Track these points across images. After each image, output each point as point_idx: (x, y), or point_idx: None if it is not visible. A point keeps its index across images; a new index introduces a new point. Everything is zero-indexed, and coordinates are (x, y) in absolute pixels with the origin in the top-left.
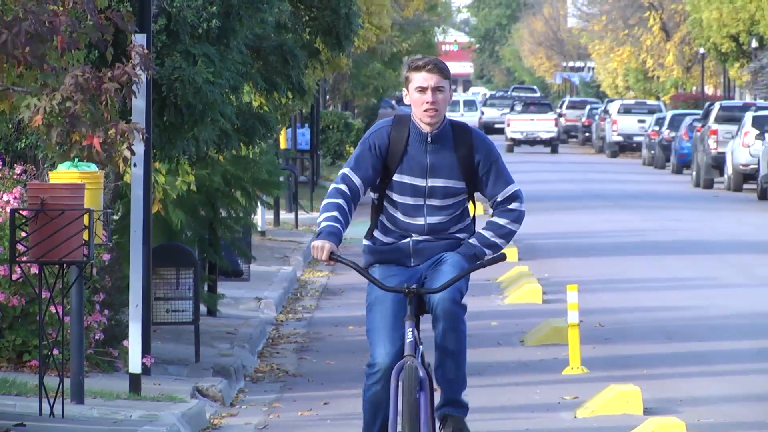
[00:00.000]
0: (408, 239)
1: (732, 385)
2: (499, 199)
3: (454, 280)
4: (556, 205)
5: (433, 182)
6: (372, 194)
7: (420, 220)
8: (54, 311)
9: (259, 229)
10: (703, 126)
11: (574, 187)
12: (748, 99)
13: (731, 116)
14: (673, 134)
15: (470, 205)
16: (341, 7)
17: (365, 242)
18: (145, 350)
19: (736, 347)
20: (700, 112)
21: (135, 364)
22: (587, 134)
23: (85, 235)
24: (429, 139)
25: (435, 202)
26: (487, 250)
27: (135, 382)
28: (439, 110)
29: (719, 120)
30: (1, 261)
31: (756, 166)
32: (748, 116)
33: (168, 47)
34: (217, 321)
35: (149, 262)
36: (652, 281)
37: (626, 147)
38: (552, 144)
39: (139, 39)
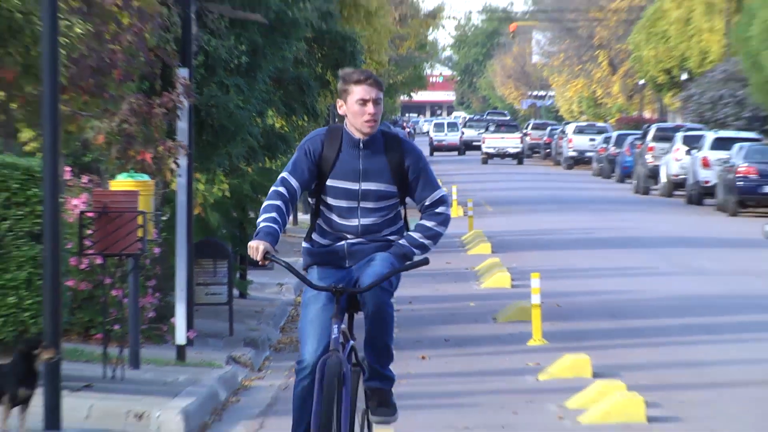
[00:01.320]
0: (343, 242)
1: (663, 353)
2: (427, 203)
3: (382, 279)
4: (522, 208)
5: (366, 186)
6: (310, 199)
7: (354, 222)
8: (114, 294)
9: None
10: (642, 143)
11: (536, 193)
12: (679, 122)
13: (665, 136)
14: (617, 150)
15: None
16: (347, 46)
17: (304, 245)
18: (189, 326)
19: (667, 323)
20: (640, 132)
21: (180, 337)
22: (548, 150)
23: (140, 233)
24: (361, 145)
25: (368, 205)
26: (416, 250)
27: (180, 351)
28: (377, 121)
29: (655, 139)
30: (72, 254)
31: (685, 177)
32: (679, 136)
33: (206, 79)
34: (247, 302)
35: (192, 255)
36: (600, 270)
37: (579, 161)
38: (518, 157)
39: (182, 72)
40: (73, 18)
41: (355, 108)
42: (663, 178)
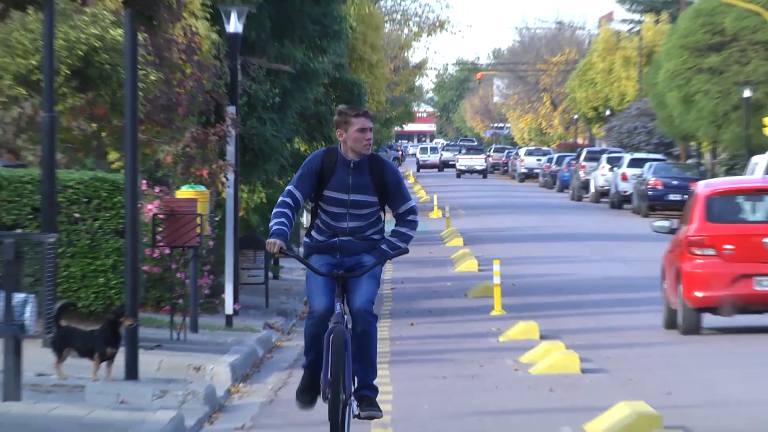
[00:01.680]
0: (336, 239)
1: (593, 320)
2: (400, 211)
3: (370, 268)
4: (486, 211)
5: (354, 197)
6: (311, 203)
7: (344, 224)
8: (179, 276)
9: (304, 226)
10: (576, 163)
11: (497, 200)
12: (604, 146)
13: (593, 157)
14: (557, 168)
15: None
16: (355, 90)
17: (305, 239)
18: (235, 300)
19: (598, 298)
20: (574, 154)
21: (228, 309)
22: (506, 168)
23: (198, 230)
24: (351, 165)
25: (355, 211)
26: (393, 252)
27: (229, 320)
28: (371, 146)
29: (586, 159)
30: (147, 245)
31: (608, 188)
32: (604, 157)
33: (248, 114)
34: (279, 282)
35: (237, 246)
36: (545, 257)
37: (529, 176)
38: (483, 173)
39: (231, 109)
40: (148, 68)
41: (356, 135)
42: (592, 189)
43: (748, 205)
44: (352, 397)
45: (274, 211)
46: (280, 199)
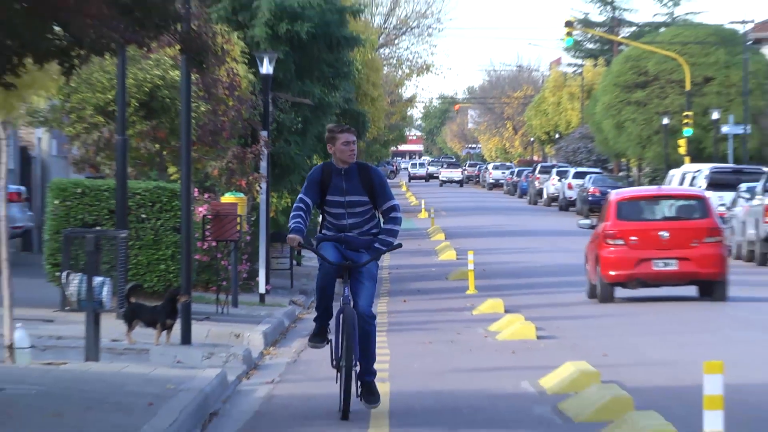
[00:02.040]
0: (341, 233)
1: (546, 298)
2: (383, 209)
3: (369, 261)
4: (462, 213)
5: (348, 198)
6: (319, 209)
7: (344, 221)
8: (223, 263)
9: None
10: (532, 175)
11: (471, 204)
12: (554, 162)
13: (546, 170)
14: (518, 179)
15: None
16: (360, 118)
17: (318, 236)
18: (267, 282)
19: (549, 280)
20: (531, 168)
21: (262, 289)
22: (477, 179)
23: (238, 227)
24: (342, 173)
25: (351, 210)
26: (385, 248)
27: (262, 298)
28: (354, 155)
29: (540, 172)
30: (198, 239)
31: (557, 194)
32: (554, 170)
33: (277, 137)
34: (301, 268)
35: (268, 240)
36: (508, 249)
37: (496, 185)
38: (460, 183)
39: (263, 133)
40: (199, 101)
41: (342, 147)
42: (545, 195)
43: (647, 208)
44: (356, 379)
45: (291, 213)
46: (295, 204)
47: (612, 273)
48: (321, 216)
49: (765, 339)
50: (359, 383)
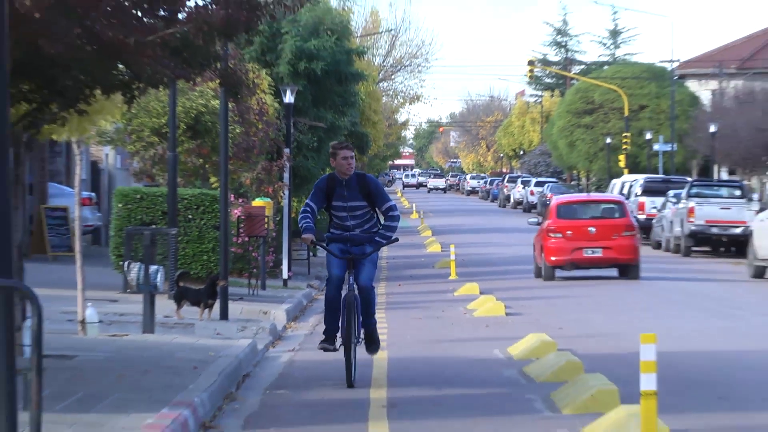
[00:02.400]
0: (346, 233)
1: (514, 282)
2: (383, 209)
3: (370, 253)
4: (446, 214)
5: (351, 203)
6: (326, 211)
7: (347, 222)
8: (253, 254)
9: None
10: (502, 183)
11: (453, 207)
12: (519, 173)
13: (513, 179)
14: (490, 187)
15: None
16: (364, 139)
17: (326, 235)
18: (288, 269)
19: (516, 268)
20: (501, 178)
21: (285, 275)
22: (458, 187)
23: (266, 225)
24: (343, 182)
25: (353, 213)
26: (385, 241)
27: (285, 282)
28: (352, 168)
29: (508, 181)
30: (233, 235)
31: (522, 199)
32: (519, 180)
33: (297, 153)
34: (316, 259)
35: (290, 236)
36: (482, 243)
37: (473, 192)
38: (444, 190)
39: (286, 150)
40: (235, 125)
41: (341, 161)
42: (512, 200)
43: (579, 209)
44: (361, 341)
45: (300, 216)
46: (302, 208)
47: (553, 258)
48: (328, 217)
49: (691, 315)
50: (363, 336)
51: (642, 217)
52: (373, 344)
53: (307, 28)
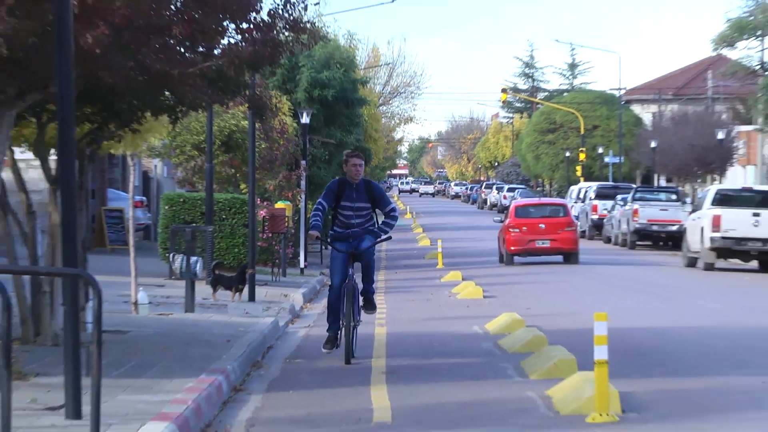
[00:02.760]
0: (349, 230)
1: (490, 270)
2: (385, 211)
3: (370, 246)
4: (434, 214)
5: (357, 204)
6: (332, 211)
7: (352, 221)
8: (276, 248)
9: None
10: (480, 189)
11: (440, 208)
12: (495, 181)
13: (489, 186)
14: (471, 192)
15: (374, 214)
16: (366, 152)
17: (331, 232)
18: (305, 260)
19: (490, 259)
20: (480, 185)
21: (302, 265)
22: (444, 192)
23: (286, 224)
24: (354, 186)
25: (358, 213)
26: (383, 234)
27: (302, 271)
28: (360, 173)
29: (485, 188)
30: (260, 231)
31: (497, 203)
32: (494, 186)
33: (311, 165)
34: (328, 251)
35: (306, 233)
36: (464, 238)
37: (456, 196)
38: (433, 195)
39: (303, 162)
40: (261, 141)
41: (351, 168)
42: (488, 203)
43: (532, 210)
44: (360, 322)
45: (312, 213)
46: (315, 206)
47: (512, 248)
48: (333, 216)
49: (636, 297)
50: (363, 299)
51: (595, 217)
52: (370, 305)
53: (320, 62)
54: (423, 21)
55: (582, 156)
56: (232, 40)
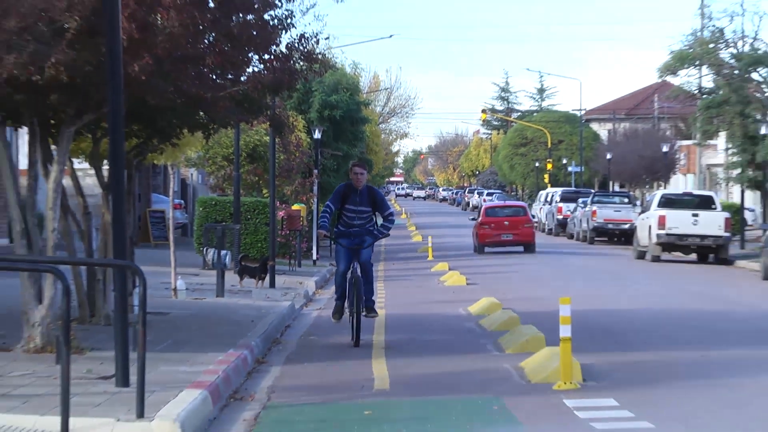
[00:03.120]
0: (351, 229)
1: (471, 261)
2: (384, 214)
3: (370, 245)
4: (425, 215)
5: (360, 207)
6: (338, 212)
7: (355, 222)
8: (292, 243)
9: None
10: (464, 194)
11: (432, 210)
12: (476, 187)
13: (471, 191)
14: (456, 196)
15: (374, 216)
16: (368, 163)
17: (335, 230)
18: (317, 253)
19: (468, 252)
20: (464, 190)
21: (314, 257)
22: (434, 196)
23: (301, 223)
24: (358, 192)
25: (360, 215)
26: (381, 235)
27: (314, 262)
28: (363, 181)
29: (468, 193)
30: (279, 229)
31: (478, 205)
32: (475, 191)
33: (322, 173)
34: (335, 246)
35: (317, 228)
36: (450, 234)
37: (444, 200)
38: (424, 198)
39: (315, 171)
40: (280, 153)
41: (355, 176)
42: (471, 206)
43: (499, 210)
44: (363, 309)
45: (321, 214)
46: (323, 208)
47: (484, 240)
48: (338, 215)
49: (594, 284)
50: (365, 307)
51: (560, 217)
52: (371, 312)
53: (329, 87)
54: (418, 54)
55: (549, 166)
56: (256, 69)
